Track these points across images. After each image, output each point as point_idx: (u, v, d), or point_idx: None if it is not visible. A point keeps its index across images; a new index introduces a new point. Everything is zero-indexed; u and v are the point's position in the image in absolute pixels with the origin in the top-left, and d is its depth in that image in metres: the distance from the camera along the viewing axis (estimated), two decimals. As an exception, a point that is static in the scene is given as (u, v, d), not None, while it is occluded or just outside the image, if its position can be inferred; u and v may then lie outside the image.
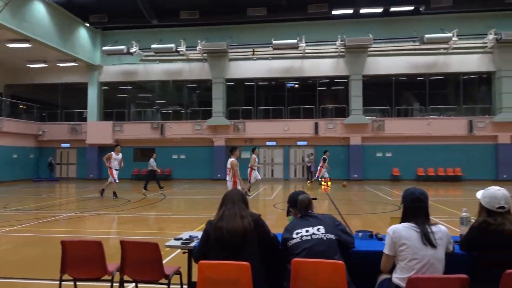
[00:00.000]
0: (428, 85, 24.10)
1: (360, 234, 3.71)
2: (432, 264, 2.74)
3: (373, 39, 22.64)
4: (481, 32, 22.55)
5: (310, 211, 3.26)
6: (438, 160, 23.02)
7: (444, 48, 22.96)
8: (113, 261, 3.89)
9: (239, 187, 9.65)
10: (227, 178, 10.34)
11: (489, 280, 2.73)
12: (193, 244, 3.57)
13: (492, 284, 2.64)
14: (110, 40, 25.36)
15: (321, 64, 24.25)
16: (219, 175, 24.24)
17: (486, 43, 22.47)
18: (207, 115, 24.93)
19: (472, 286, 2.80)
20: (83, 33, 24.25)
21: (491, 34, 22.01)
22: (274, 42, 22.97)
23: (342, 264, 2.70)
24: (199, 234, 3.60)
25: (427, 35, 21.93)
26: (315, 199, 3.53)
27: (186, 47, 23.96)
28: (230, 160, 10.14)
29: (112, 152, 14.47)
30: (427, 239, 2.78)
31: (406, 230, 2.85)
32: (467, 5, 21.33)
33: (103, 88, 26.47)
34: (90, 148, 25.41)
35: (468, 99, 24.59)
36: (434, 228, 2.86)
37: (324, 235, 3.00)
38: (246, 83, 25.99)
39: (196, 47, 23.85)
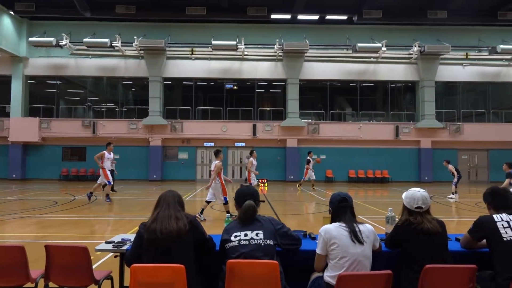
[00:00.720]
0: (360, 91, 25.42)
1: (295, 232, 3.80)
2: (360, 261, 2.88)
3: (310, 45, 23.41)
4: (407, 44, 24.26)
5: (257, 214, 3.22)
6: (367, 162, 24.35)
7: (374, 57, 24.36)
8: (37, 267, 3.64)
9: (219, 191, 9.89)
10: (212, 178, 10.32)
11: (411, 275, 2.93)
12: (125, 247, 3.44)
13: (414, 278, 2.84)
14: (37, 31, 23.70)
15: (260, 66, 24.62)
16: (154, 176, 23.67)
17: (411, 54, 24.20)
18: (143, 114, 24.21)
19: (396, 281, 3.00)
20: (6, 22, 22.40)
21: (415, 46, 23.75)
22: (214, 42, 22.89)
23: (276, 264, 2.75)
24: (132, 237, 3.48)
25: (359, 44, 23.14)
26: (262, 201, 3.54)
27: (122, 42, 23.09)
28: (215, 162, 10.20)
29: (104, 151, 13.15)
30: (356, 237, 2.92)
31: (336, 230, 2.97)
32: (395, 19, 22.82)
33: (28, 82, 24.64)
34: (13, 146, 23.53)
35: (395, 106, 26.30)
36: (361, 227, 3.02)
37: (263, 241, 2.97)
38: (184, 82, 25.62)
39: (132, 43, 23.05)
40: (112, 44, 22.70)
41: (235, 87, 26.43)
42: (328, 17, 23.02)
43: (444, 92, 25.74)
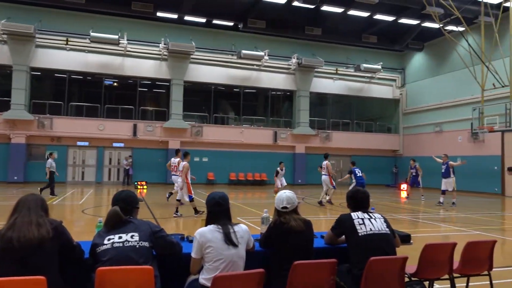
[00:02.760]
0: (243, 97, 26.27)
1: (172, 237, 3.75)
2: (235, 262, 2.96)
3: (196, 47, 23.41)
4: (287, 55, 25.93)
5: (129, 217, 3.09)
6: (247, 166, 25.23)
7: (257, 65, 25.46)
8: None
9: (185, 190, 10.57)
10: (174, 178, 11.10)
11: (281, 272, 3.12)
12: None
13: (284, 276, 3.02)
14: None
15: (143, 64, 23.73)
16: (15, 177, 21.01)
17: (290, 65, 25.94)
18: (4, 106, 21.30)
19: (268, 279, 3.16)
20: None
21: (294, 58, 25.54)
22: (93, 34, 21.37)
23: (150, 269, 2.67)
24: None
25: (243, 51, 23.96)
26: (141, 200, 3.39)
27: (-20, 23, 20.09)
28: (183, 163, 10.66)
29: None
30: (229, 239, 2.99)
31: (211, 233, 3.01)
32: (277, 30, 24.20)
33: None
34: None
35: (275, 113, 27.83)
36: (236, 228, 3.10)
37: (138, 243, 2.86)
38: (56, 75, 23.36)
39: (-7, 25, 20.22)
40: (-33, 24, 19.61)
41: (115, 83, 25.03)
42: (215, 21, 23.31)
43: (317, 102, 28.12)
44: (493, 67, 16.57)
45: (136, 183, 20.91)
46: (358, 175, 14.58)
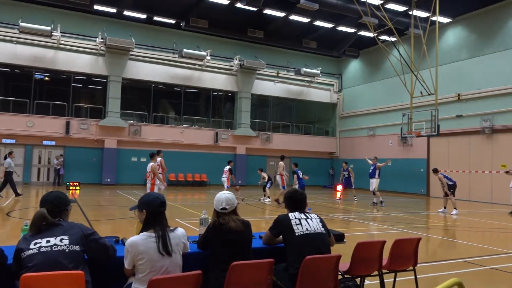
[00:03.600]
0: (184, 96, 25.87)
1: (106, 240, 3.60)
2: (170, 272, 2.86)
3: (135, 44, 22.70)
4: (229, 56, 25.98)
5: (59, 219, 2.90)
6: (188, 166, 24.88)
7: (199, 65, 25.22)
8: None
9: (156, 190, 10.36)
10: (147, 181, 10.73)
11: (220, 273, 3.12)
12: None
13: (221, 276, 3.02)
14: None
15: (78, 59, 22.53)
16: None
17: (232, 66, 26.01)
18: None
19: (206, 280, 3.15)
20: None
21: (236, 59, 25.64)
22: (22, 24, 19.94)
23: (81, 274, 2.54)
24: None
25: (185, 50, 23.63)
26: (73, 202, 3.19)
27: None
28: (150, 164, 10.59)
29: None
30: (165, 249, 2.87)
31: (144, 243, 2.87)
32: (219, 31, 24.14)
33: None
34: None
35: (216, 113, 27.74)
36: (172, 234, 2.99)
37: (68, 247, 2.71)
38: (-22, 66, 21.49)
39: None
40: None
41: (46, 78, 23.52)
42: (156, 18, 22.72)
43: (258, 104, 28.47)
44: (421, 76, 17.80)
45: (68, 183, 19.82)
46: (300, 176, 15.02)
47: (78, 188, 19.60)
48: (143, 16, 22.46)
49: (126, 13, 21.85)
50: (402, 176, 23.92)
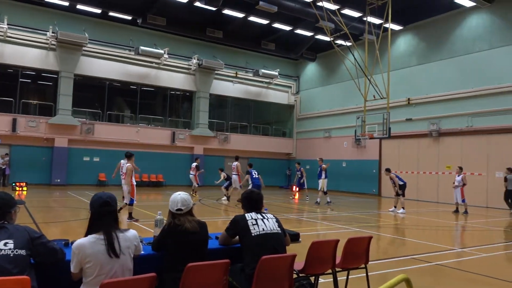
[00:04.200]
0: (140, 95, 25.26)
1: (55, 243, 3.45)
2: (118, 275, 2.76)
3: (89, 39, 21.91)
4: (188, 55, 25.68)
5: (3, 222, 2.75)
6: (143, 166, 24.14)
7: (156, 63, 24.72)
8: None
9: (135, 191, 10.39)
10: (123, 182, 10.52)
11: (175, 275, 3.07)
12: None
13: (177, 278, 2.97)
14: None
15: (27, 53, 21.37)
16: None
17: (191, 66, 25.73)
18: None
19: (161, 283, 3.10)
20: None
21: (194, 59, 25.39)
22: (-37, 14, 18.68)
23: (27, 280, 2.42)
24: None
25: (142, 47, 23.09)
26: (21, 203, 3.02)
27: None
28: (126, 165, 10.45)
29: None
30: (113, 251, 2.76)
31: (91, 246, 2.75)
32: (178, 29, 23.81)
33: None
34: None
35: (173, 113, 27.32)
36: (121, 236, 2.87)
37: (12, 251, 2.59)
38: None
39: None
40: None
41: (-9, 72, 22.14)
42: (111, 13, 22.02)
43: (216, 104, 28.34)
44: (374, 80, 18.48)
45: (14, 184, 18.78)
46: (254, 176, 15.11)
47: (25, 188, 18.62)
48: (98, 11, 21.70)
49: (79, 7, 21.02)
50: (355, 177, 24.70)
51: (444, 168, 20.19)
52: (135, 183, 10.46)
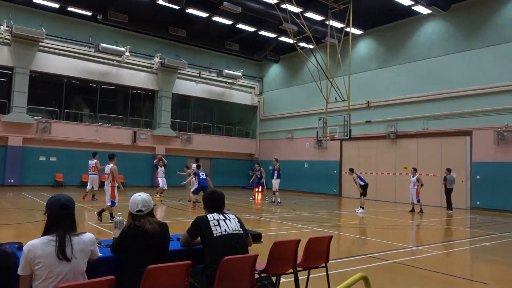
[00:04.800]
0: (100, 93, 24.51)
1: (7, 246, 3.29)
2: (69, 279, 2.66)
3: (47, 34, 21.04)
4: (150, 54, 25.21)
5: None
6: (102, 166, 23.56)
7: (117, 61, 24.09)
8: None
9: (116, 192, 10.33)
10: (106, 183, 10.41)
11: (134, 277, 3.02)
12: None
13: (136, 281, 2.92)
14: None
15: (-23, 47, 20.26)
16: None
17: (153, 64, 25.26)
18: None
19: (119, 285, 3.03)
20: None
21: (157, 57, 24.97)
22: None
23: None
24: None
25: (102, 44, 22.43)
26: None
27: None
28: (110, 166, 10.35)
29: None
30: (63, 254, 2.66)
31: (43, 247, 2.65)
32: (140, 27, 23.32)
33: None
34: None
35: (135, 112, 26.72)
36: (76, 239, 2.78)
37: None
38: None
39: None
40: None
41: None
42: (70, 8, 21.22)
43: (179, 104, 27.98)
44: (336, 83, 18.90)
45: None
46: (201, 177, 14.99)
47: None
48: (56, 6, 20.87)
49: (36, 0, 20.15)
50: (317, 177, 25.15)
51: (401, 169, 20.96)
52: (116, 185, 10.30)
